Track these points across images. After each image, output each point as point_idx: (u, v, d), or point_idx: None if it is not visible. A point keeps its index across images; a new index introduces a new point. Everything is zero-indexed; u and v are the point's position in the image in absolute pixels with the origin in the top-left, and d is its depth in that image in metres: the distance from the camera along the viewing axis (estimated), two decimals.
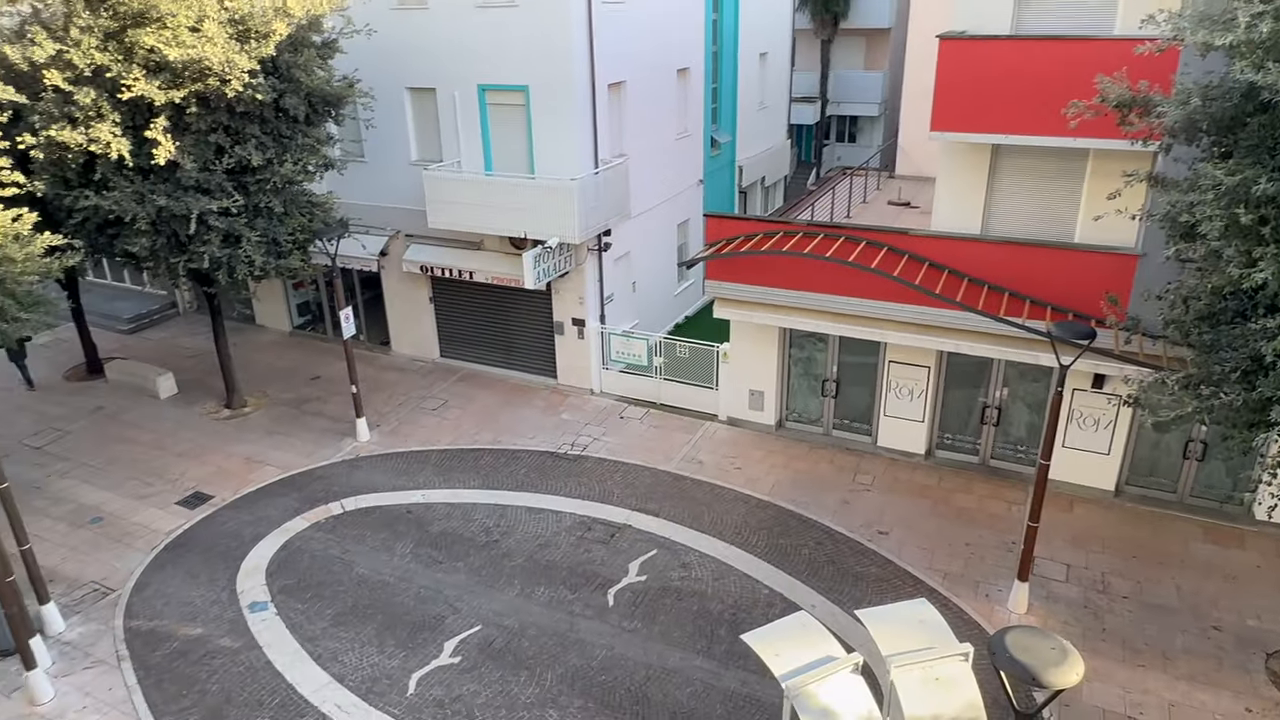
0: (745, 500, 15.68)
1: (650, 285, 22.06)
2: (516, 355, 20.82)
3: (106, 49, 14.46)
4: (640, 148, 20.18)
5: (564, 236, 17.70)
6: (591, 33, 17.45)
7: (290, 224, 16.80)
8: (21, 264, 12.66)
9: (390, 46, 18.28)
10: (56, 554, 14.63)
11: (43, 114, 14.63)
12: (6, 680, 11.95)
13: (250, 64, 14.55)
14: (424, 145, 19.68)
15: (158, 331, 24.78)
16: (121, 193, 15.07)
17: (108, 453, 18.02)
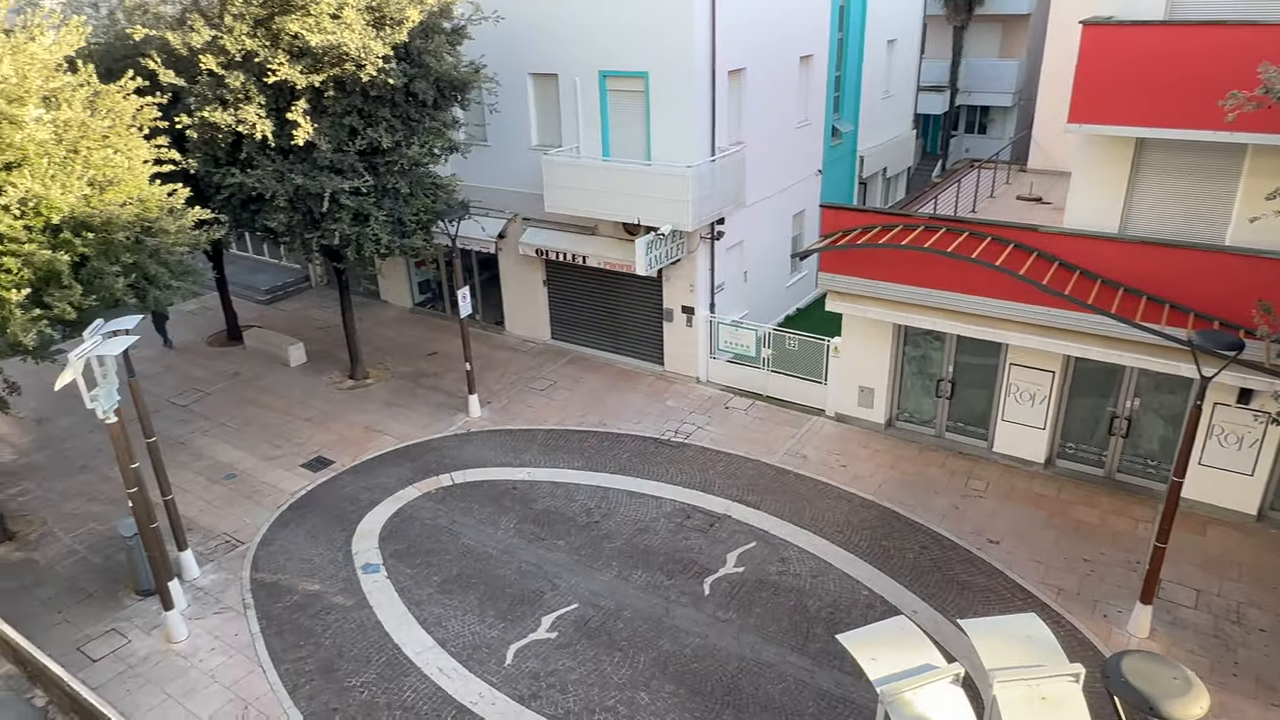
0: (849, 498, 15.36)
1: (762, 275, 21.82)
2: (625, 340, 21.02)
3: (255, 35, 15.36)
4: (758, 136, 19.93)
5: (677, 224, 17.70)
6: (714, 19, 17.32)
7: (415, 205, 17.46)
8: (174, 236, 13.63)
9: (516, 32, 18.66)
10: (195, 506, 15.77)
11: (198, 96, 15.69)
12: (147, 619, 12.99)
13: (385, 50, 15.16)
14: (544, 130, 20.05)
15: (291, 303, 26.28)
16: (264, 171, 16.02)
17: (243, 415, 19.28)
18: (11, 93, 11.70)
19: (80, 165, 12.38)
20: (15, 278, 11.68)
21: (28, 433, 18.78)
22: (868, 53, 24.94)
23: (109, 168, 12.78)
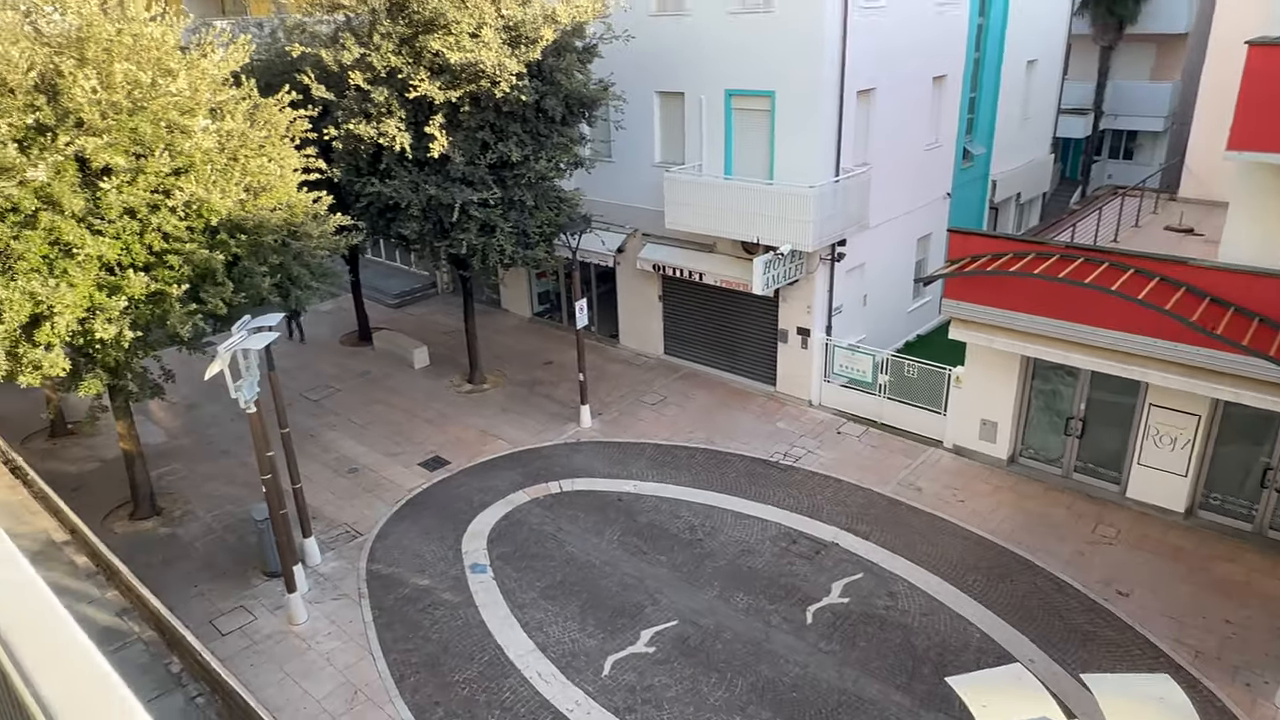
0: (965, 535, 14.72)
1: (882, 299, 21.27)
2: (738, 359, 20.90)
3: (400, 53, 16.20)
4: (885, 157, 19.50)
5: (797, 244, 17.50)
6: (845, 39, 17.10)
7: (539, 217, 17.96)
8: (317, 240, 14.50)
9: (644, 51, 18.96)
10: (320, 495, 16.64)
11: (345, 110, 16.67)
12: (272, 599, 13.78)
13: (519, 67, 15.69)
14: (668, 147, 20.25)
15: (419, 308, 27.45)
16: (400, 181, 16.84)
17: (369, 412, 20.24)
18: (184, 104, 12.74)
19: (239, 172, 13.34)
20: (177, 274, 12.68)
21: (178, 417, 20.31)
22: (1005, 74, 24.03)
23: (263, 175, 13.72)
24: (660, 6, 19.05)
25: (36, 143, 11.89)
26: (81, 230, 11.90)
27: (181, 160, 12.65)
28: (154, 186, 12.41)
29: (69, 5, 12.40)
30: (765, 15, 17.32)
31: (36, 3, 12.77)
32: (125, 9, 12.80)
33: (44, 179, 11.50)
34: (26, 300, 11.54)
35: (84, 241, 11.85)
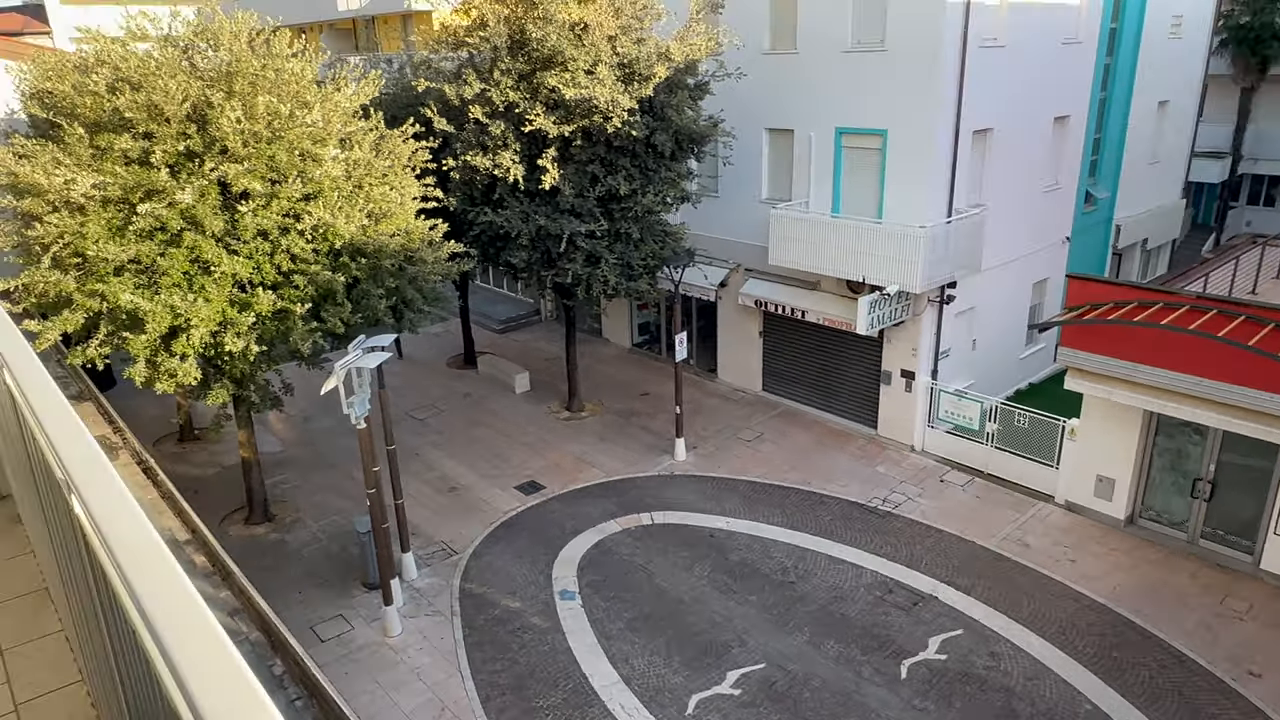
0: (1076, 597, 13.89)
1: (993, 344, 20.51)
2: (837, 399, 20.50)
3: (518, 88, 16.81)
4: (1000, 198, 18.91)
5: (904, 285, 17.11)
6: (963, 78, 16.76)
7: (644, 250, 18.18)
8: (431, 265, 15.09)
9: (755, 88, 19.06)
10: (420, 512, 17.13)
11: (463, 142, 17.37)
12: (369, 610, 14.21)
13: (631, 103, 16.03)
14: (775, 184, 20.22)
15: (522, 334, 28.11)
16: (512, 211, 17.38)
17: (470, 434, 20.78)
18: (317, 134, 13.55)
19: (363, 199, 14.05)
20: (301, 293, 13.40)
21: (294, 429, 21.35)
22: (1134, 115, 23.01)
23: (385, 202, 14.40)
24: (773, 44, 19.15)
25: (185, 168, 12.86)
26: (219, 249, 12.75)
27: (311, 187, 13.42)
28: (286, 211, 13.20)
29: (222, 43, 13.43)
30: (879, 53, 17.17)
31: (195, 40, 13.89)
32: (270, 46, 13.77)
33: (190, 201, 12.41)
34: (167, 313, 12.42)
35: (221, 260, 12.69)
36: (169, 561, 1.61)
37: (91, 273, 12.53)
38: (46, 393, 2.35)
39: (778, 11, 18.92)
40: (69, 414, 2.21)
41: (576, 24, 16.39)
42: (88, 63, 13.67)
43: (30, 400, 2.39)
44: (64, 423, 2.16)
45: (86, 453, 1.98)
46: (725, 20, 18.90)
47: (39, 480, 3.07)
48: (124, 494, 1.82)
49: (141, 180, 12.31)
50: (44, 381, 2.44)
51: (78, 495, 1.96)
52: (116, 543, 1.71)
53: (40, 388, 2.41)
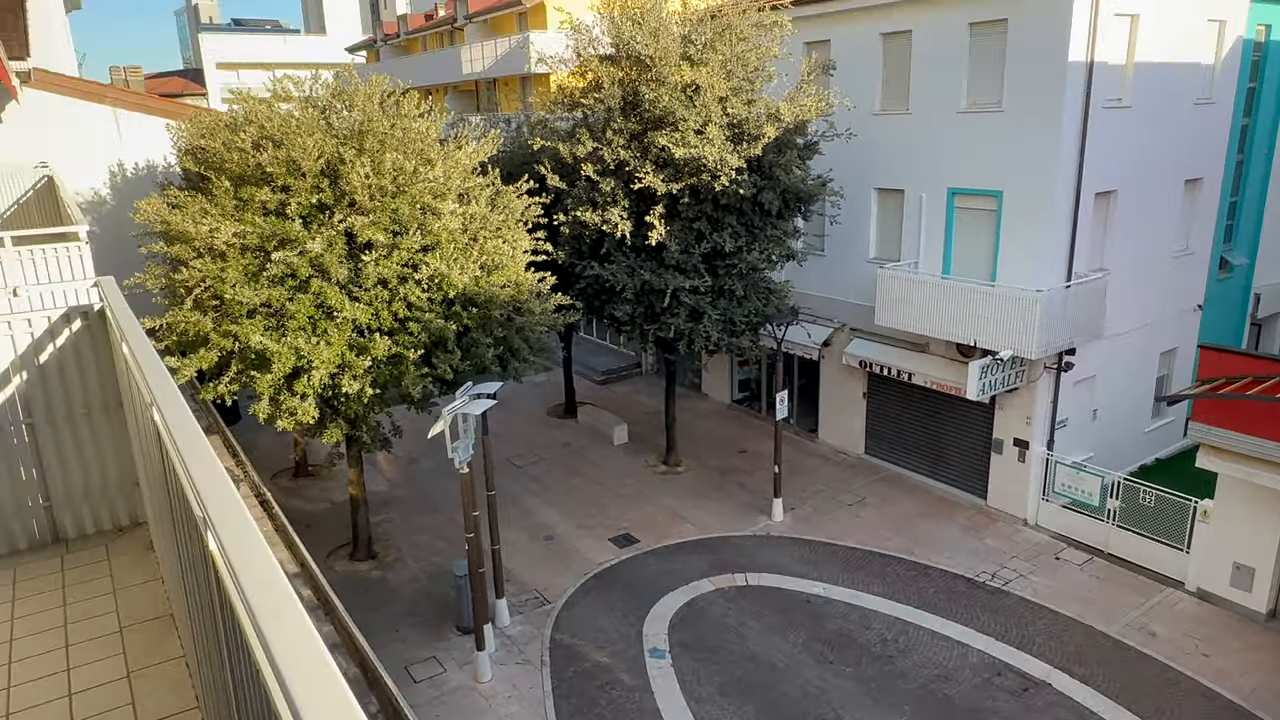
0: (1210, 697, 12.75)
1: (1115, 415, 19.40)
2: (944, 466, 19.73)
3: (629, 147, 17.25)
4: (1124, 262, 18.07)
5: (1019, 350, 16.46)
6: (1084, 138, 16.24)
7: (747, 307, 18.16)
8: (538, 316, 15.48)
9: (865, 148, 18.97)
10: (515, 559, 17.30)
11: (574, 198, 17.88)
12: (461, 654, 14.36)
13: (739, 162, 16.20)
14: (883, 244, 19.93)
15: (622, 386, 28.36)
16: (618, 265, 17.71)
17: (568, 483, 20.96)
18: (438, 189, 14.23)
19: (477, 251, 14.60)
20: (415, 340, 13.95)
21: (400, 470, 22.05)
22: (1275, 177, 21.70)
23: (498, 255, 14.92)
24: (884, 105, 19.06)
25: (317, 219, 13.70)
26: (342, 296, 13.45)
27: (430, 238, 14.06)
28: (405, 261, 13.85)
29: (356, 104, 14.36)
30: (996, 114, 16.85)
31: (333, 101, 14.91)
32: (400, 106, 14.64)
33: (319, 250, 13.18)
34: (291, 354, 13.13)
35: (343, 306, 13.38)
36: (295, 606, 1.67)
37: (227, 314, 13.41)
38: (192, 435, 2.51)
39: (890, 73, 18.87)
40: (211, 458, 2.35)
41: (688, 86, 16.78)
42: (237, 121, 14.82)
43: (176, 440, 2.56)
44: (206, 465, 2.30)
45: (225, 495, 2.09)
46: (836, 82, 19.00)
47: (176, 514, 3.26)
48: (258, 538, 1.92)
49: (277, 230, 13.18)
50: (190, 424, 2.61)
51: (214, 533, 2.07)
52: (248, 583, 1.80)
53: (187, 430, 2.57)
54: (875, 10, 18.75)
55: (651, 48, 16.63)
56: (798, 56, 19.13)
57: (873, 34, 18.94)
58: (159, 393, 3.22)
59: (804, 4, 19.68)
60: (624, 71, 17.50)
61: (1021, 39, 16.27)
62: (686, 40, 17.09)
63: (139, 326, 4.65)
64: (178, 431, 2.63)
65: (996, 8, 16.54)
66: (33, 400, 4.94)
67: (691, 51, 17.03)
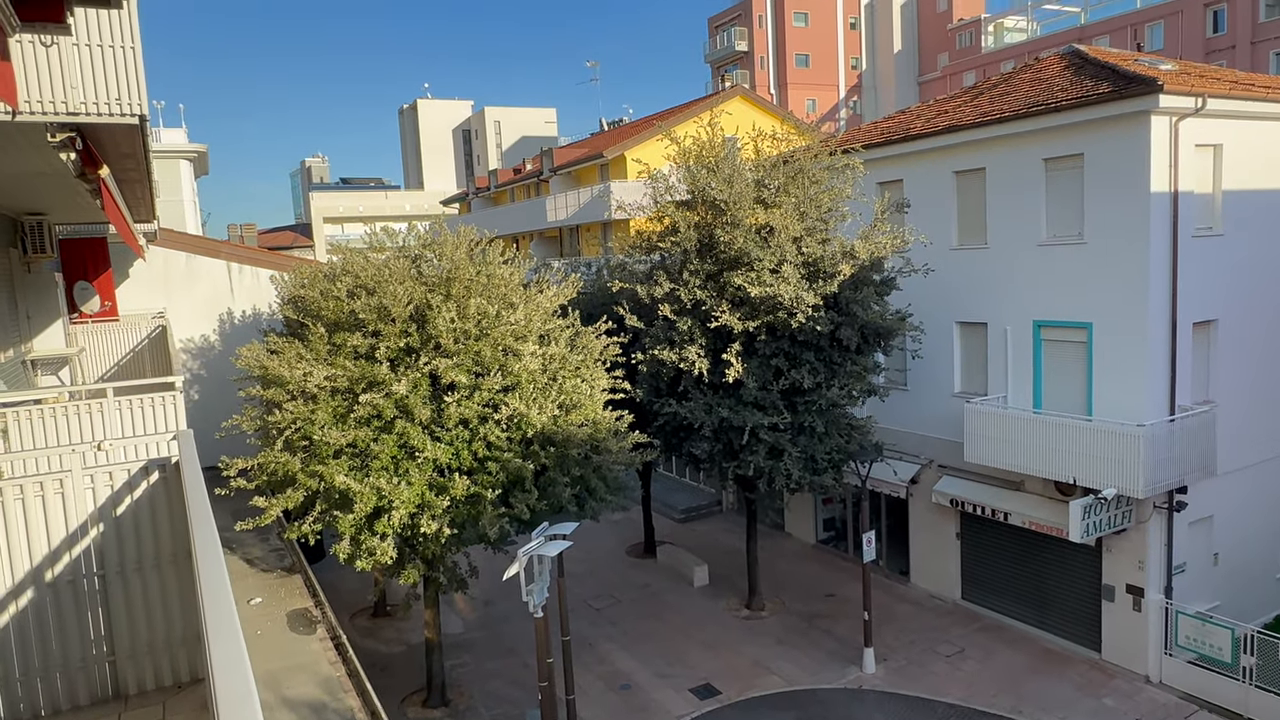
0: None
1: (1242, 560, 17.81)
2: (1051, 614, 18.29)
3: (705, 287, 17.55)
4: (1235, 394, 17.07)
5: (1123, 489, 15.47)
6: (1175, 268, 15.77)
7: (828, 444, 17.73)
8: (616, 455, 15.42)
9: (944, 282, 18.82)
10: (591, 708, 16.53)
11: (652, 337, 18.14)
12: None
13: (815, 299, 16.24)
14: (969, 378, 19.41)
15: (702, 524, 27.71)
16: (695, 403, 17.66)
17: (645, 627, 20.23)
18: (520, 331, 14.65)
19: (556, 391, 14.81)
20: (493, 479, 14.02)
21: (475, 611, 21.72)
22: None
23: (576, 394, 15.09)
24: (961, 240, 19.04)
25: (404, 362, 14.20)
26: (425, 436, 13.72)
27: (510, 379, 14.36)
28: (486, 401, 14.13)
29: (445, 253, 15.13)
30: (1078, 246, 16.59)
31: (424, 251, 15.77)
32: (486, 254, 15.35)
33: (404, 392, 13.59)
34: (373, 494, 13.32)
35: (425, 446, 13.62)
36: None
37: (315, 455, 13.80)
38: (220, 596, 2.45)
39: (965, 209, 18.95)
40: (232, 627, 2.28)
41: (762, 227, 17.15)
42: (335, 271, 15.77)
43: (204, 600, 2.50)
44: (226, 631, 2.23)
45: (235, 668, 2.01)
46: (911, 218, 19.15)
47: None
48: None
49: (366, 373, 13.70)
50: (222, 584, 2.56)
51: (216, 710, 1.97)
52: None
53: (217, 588, 2.53)
54: (946, 150, 19.06)
55: (726, 193, 17.17)
56: (871, 195, 19.45)
57: (945, 172, 19.18)
58: (200, 547, 3.23)
59: (875, 146, 20.18)
60: (699, 216, 18.06)
61: (1099, 172, 16.18)
62: (760, 185, 17.61)
63: (202, 480, 4.76)
64: (207, 590, 2.59)
65: (1071, 143, 16.59)
66: (106, 552, 5.08)
67: (765, 195, 17.52)
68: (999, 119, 17.55)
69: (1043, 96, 17.30)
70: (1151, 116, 15.27)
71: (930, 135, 19.17)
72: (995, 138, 17.91)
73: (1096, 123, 16.04)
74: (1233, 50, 44.73)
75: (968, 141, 18.44)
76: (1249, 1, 44.55)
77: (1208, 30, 46.73)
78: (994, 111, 18.08)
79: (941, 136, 18.92)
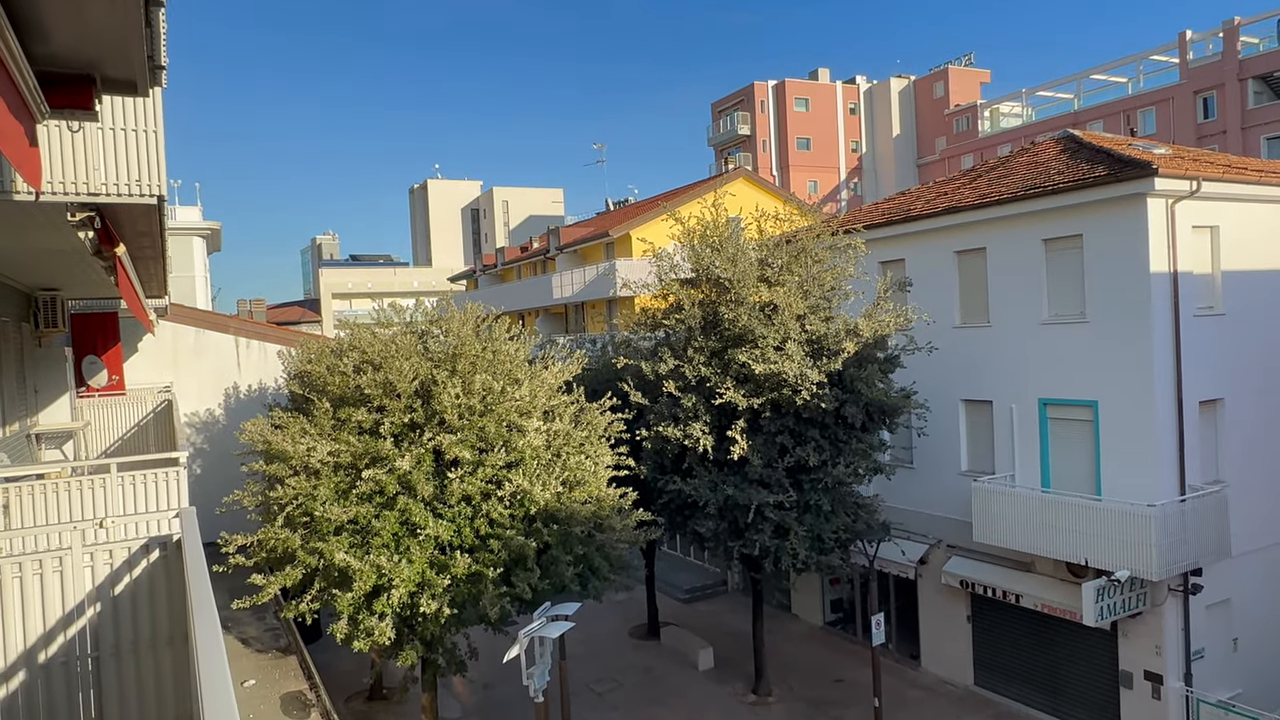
0: None
1: (1263, 645, 17.33)
2: (1067, 701, 17.72)
3: (710, 364, 17.62)
4: (1246, 474, 16.90)
5: (1136, 571, 15.18)
6: (1179, 347, 15.81)
7: (835, 523, 17.50)
8: (620, 533, 15.22)
9: (948, 360, 18.87)
10: None
11: (657, 414, 18.12)
12: None
13: (820, 377, 16.27)
14: (975, 456, 19.28)
15: (707, 605, 27.13)
16: (700, 480, 17.52)
17: (648, 713, 19.60)
18: (524, 407, 14.66)
19: (559, 468, 14.72)
20: (495, 558, 13.81)
21: (473, 695, 21.11)
22: None
23: (580, 471, 14.99)
24: (964, 319, 19.18)
25: (408, 437, 14.17)
26: (426, 513, 13.59)
27: (514, 455, 14.29)
28: (489, 478, 14.03)
29: (451, 329, 15.27)
30: (1080, 325, 16.68)
31: (430, 327, 15.92)
32: (492, 330, 15.48)
33: (407, 468, 13.52)
34: (373, 572, 13.12)
35: (427, 523, 13.47)
36: None
37: (315, 531, 13.65)
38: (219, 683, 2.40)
39: (967, 288, 19.15)
40: None
41: (766, 305, 17.32)
42: (342, 347, 15.89)
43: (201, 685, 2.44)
44: None
45: None
46: (913, 297, 19.33)
47: None
48: None
49: (369, 448, 13.66)
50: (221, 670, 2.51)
51: None
52: None
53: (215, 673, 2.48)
54: (947, 231, 19.37)
55: (730, 271, 17.40)
56: (873, 274, 19.69)
57: (947, 252, 19.45)
58: (200, 631, 3.17)
59: (876, 227, 20.52)
60: (704, 293, 18.25)
61: (1098, 253, 16.41)
62: (763, 263, 17.86)
63: (203, 560, 4.71)
64: (205, 677, 2.54)
65: (1069, 224, 16.86)
66: (102, 632, 4.99)
67: (768, 274, 17.74)
68: (998, 201, 17.89)
69: (1040, 180, 17.68)
70: (1148, 199, 15.57)
71: (931, 216, 19.52)
72: (995, 219, 18.23)
73: (1094, 205, 16.33)
74: (1224, 135, 45.82)
75: (968, 222, 18.76)
76: (1237, 89, 45.86)
77: (1199, 116, 47.96)
78: (993, 193, 18.44)
79: (942, 217, 19.26)
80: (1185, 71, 48.89)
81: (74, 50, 4.23)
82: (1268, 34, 47.04)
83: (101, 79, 4.62)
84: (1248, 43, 46.99)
